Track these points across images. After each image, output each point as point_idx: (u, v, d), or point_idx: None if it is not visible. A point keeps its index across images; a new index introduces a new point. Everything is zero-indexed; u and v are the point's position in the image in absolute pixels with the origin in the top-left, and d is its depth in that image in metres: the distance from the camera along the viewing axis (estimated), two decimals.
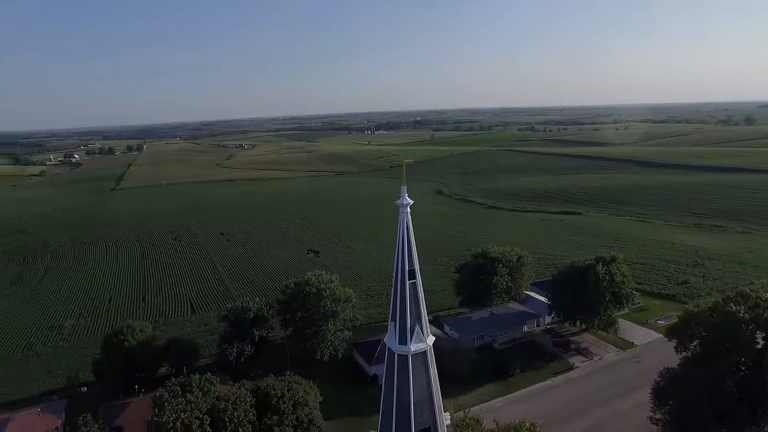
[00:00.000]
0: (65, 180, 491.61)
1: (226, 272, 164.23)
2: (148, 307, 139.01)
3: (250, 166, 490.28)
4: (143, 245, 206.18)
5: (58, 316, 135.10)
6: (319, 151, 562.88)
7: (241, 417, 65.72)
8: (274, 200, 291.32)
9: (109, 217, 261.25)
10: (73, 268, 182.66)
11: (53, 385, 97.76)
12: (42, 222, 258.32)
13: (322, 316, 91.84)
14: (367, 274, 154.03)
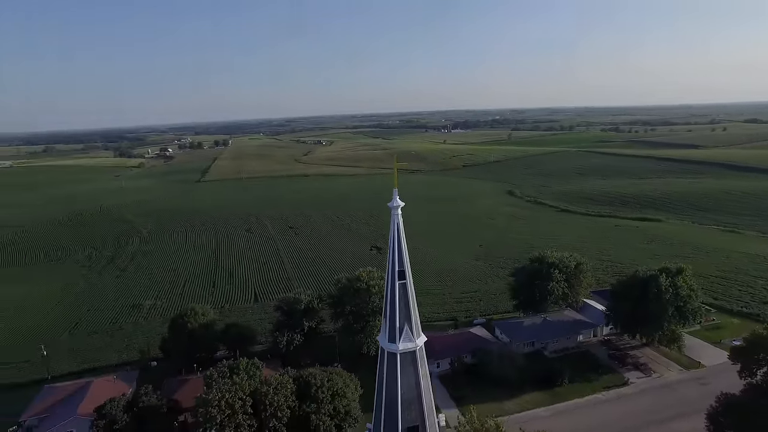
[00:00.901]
0: (159, 172, 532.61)
1: (290, 264, 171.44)
2: (216, 293, 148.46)
3: (326, 162, 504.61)
4: (219, 235, 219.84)
5: (140, 296, 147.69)
6: (393, 149, 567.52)
7: (281, 402, 69.21)
8: (345, 196, 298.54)
9: (191, 207, 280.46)
10: (156, 253, 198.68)
11: (129, 357, 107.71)
12: (136, 210, 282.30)
13: (370, 312, 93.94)
14: (426, 273, 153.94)
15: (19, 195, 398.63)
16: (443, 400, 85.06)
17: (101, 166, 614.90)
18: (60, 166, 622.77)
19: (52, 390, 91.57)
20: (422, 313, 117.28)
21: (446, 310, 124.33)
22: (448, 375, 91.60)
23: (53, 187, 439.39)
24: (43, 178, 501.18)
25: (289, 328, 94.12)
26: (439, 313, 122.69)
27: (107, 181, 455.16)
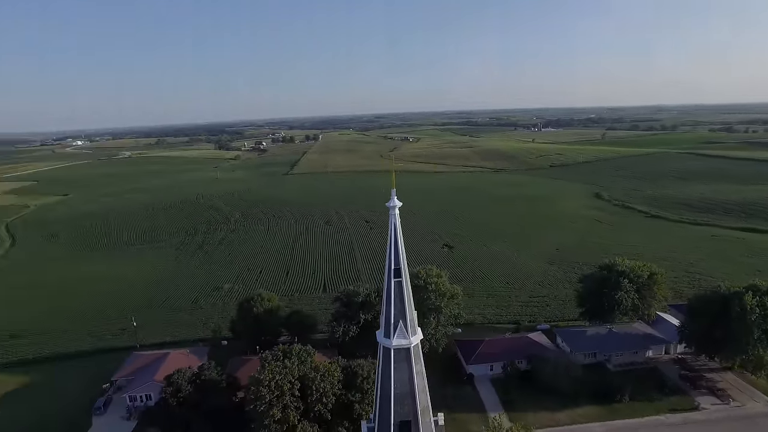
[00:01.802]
0: (253, 164, 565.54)
1: (361, 258, 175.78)
2: (289, 281, 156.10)
3: (411, 159, 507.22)
4: (299, 225, 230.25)
5: (221, 280, 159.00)
6: (479, 147, 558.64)
7: (327, 388, 72.14)
8: (425, 193, 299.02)
9: (277, 198, 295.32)
10: (240, 240, 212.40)
11: (204, 335, 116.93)
12: (227, 199, 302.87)
13: (426, 310, 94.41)
14: (496, 274, 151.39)
15: (135, 182, 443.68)
16: (491, 404, 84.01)
17: (202, 157, 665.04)
18: (168, 157, 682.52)
19: (138, 356, 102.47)
20: (484, 315, 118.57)
21: (510, 314, 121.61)
22: (501, 379, 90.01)
23: (161, 176, 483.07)
24: (153, 168, 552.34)
25: (347, 320, 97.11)
26: (502, 316, 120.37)
27: (206, 172, 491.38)
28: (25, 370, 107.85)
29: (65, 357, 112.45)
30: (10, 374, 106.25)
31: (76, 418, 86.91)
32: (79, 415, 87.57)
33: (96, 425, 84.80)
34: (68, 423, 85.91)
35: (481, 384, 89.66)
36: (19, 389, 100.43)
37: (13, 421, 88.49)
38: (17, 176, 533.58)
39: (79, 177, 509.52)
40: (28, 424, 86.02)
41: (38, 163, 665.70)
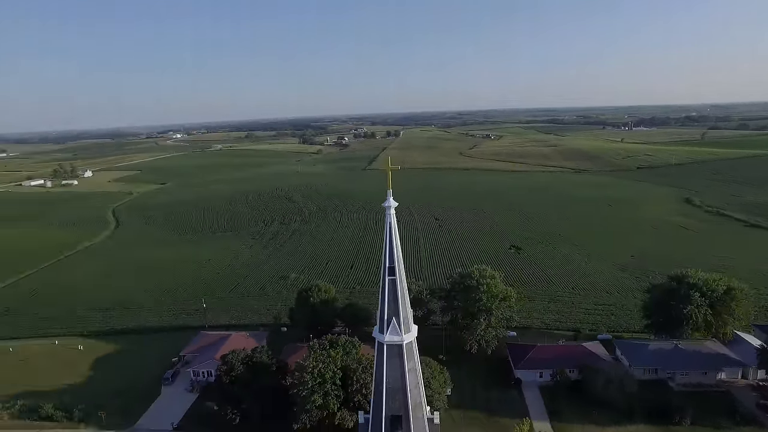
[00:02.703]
0: (332, 158, 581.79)
1: (426, 255, 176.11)
2: (352, 274, 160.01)
3: (490, 157, 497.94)
4: (368, 220, 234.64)
5: (289, 269, 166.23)
6: (562, 146, 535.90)
7: (367, 380, 73.80)
8: (499, 192, 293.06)
9: (351, 193, 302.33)
10: (311, 232, 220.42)
11: (266, 320, 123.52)
12: (304, 192, 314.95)
13: (477, 310, 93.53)
14: (561, 279, 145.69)
15: (222, 173, 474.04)
16: (537, 411, 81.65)
17: (287, 151, 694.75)
18: (254, 150, 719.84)
19: (204, 335, 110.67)
20: (543, 320, 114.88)
21: (571, 321, 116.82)
22: (549, 387, 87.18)
23: (246, 168, 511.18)
24: (240, 160, 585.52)
25: None
26: (562, 323, 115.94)
27: (288, 165, 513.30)
28: (115, 339, 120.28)
29: (147, 330, 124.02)
30: (104, 341, 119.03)
31: (150, 386, 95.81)
32: (153, 383, 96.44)
33: (164, 394, 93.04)
34: (144, 389, 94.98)
35: (529, 390, 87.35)
36: (110, 354, 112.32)
37: (104, 382, 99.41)
38: (124, 166, 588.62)
39: (175, 167, 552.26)
40: (115, 386, 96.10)
41: (142, 154, 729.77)
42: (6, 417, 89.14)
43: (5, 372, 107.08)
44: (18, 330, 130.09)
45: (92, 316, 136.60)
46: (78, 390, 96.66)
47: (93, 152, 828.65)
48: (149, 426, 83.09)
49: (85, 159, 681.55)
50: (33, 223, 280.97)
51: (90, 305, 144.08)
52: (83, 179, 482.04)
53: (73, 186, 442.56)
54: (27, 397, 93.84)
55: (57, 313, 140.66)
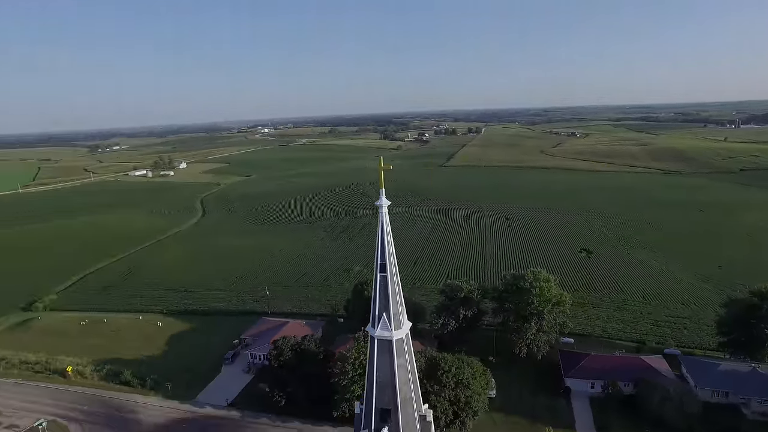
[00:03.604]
0: (411, 154, 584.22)
1: (491, 254, 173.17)
2: (414, 270, 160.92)
3: (572, 156, 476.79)
4: (438, 217, 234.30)
5: (353, 262, 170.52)
6: (653, 146, 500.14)
7: None
8: (577, 192, 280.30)
9: (425, 190, 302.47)
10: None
11: (324, 311, 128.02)
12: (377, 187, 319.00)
13: (528, 313, 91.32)
14: (632, 286, 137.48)
15: (304, 166, 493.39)
16: (584, 424, 78.53)
17: (366, 146, 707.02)
18: (336, 145, 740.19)
19: (265, 321, 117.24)
20: (605, 329, 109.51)
21: (637, 331, 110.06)
22: (600, 398, 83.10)
23: (326, 162, 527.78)
24: (321, 155, 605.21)
25: (447, 313, 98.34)
26: (626, 333, 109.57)
27: (367, 161, 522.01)
28: (189, 318, 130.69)
29: (217, 312, 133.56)
30: (180, 320, 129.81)
31: (212, 364, 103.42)
32: (215, 362, 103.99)
33: (224, 372, 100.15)
34: (207, 366, 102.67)
35: (578, 400, 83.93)
36: (183, 332, 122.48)
37: (175, 356, 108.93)
38: (215, 158, 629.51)
39: (261, 160, 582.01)
40: (183, 361, 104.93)
41: (232, 148, 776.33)
42: (96, 378, 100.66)
43: (99, 340, 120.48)
44: (112, 304, 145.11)
45: (172, 296, 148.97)
46: (152, 361, 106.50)
47: (189, 145, 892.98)
48: (207, 400, 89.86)
49: (181, 152, 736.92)
50: (134, 210, 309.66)
51: (171, 286, 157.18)
52: (178, 170, 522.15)
53: (169, 176, 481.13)
54: (113, 363, 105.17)
55: (143, 291, 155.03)
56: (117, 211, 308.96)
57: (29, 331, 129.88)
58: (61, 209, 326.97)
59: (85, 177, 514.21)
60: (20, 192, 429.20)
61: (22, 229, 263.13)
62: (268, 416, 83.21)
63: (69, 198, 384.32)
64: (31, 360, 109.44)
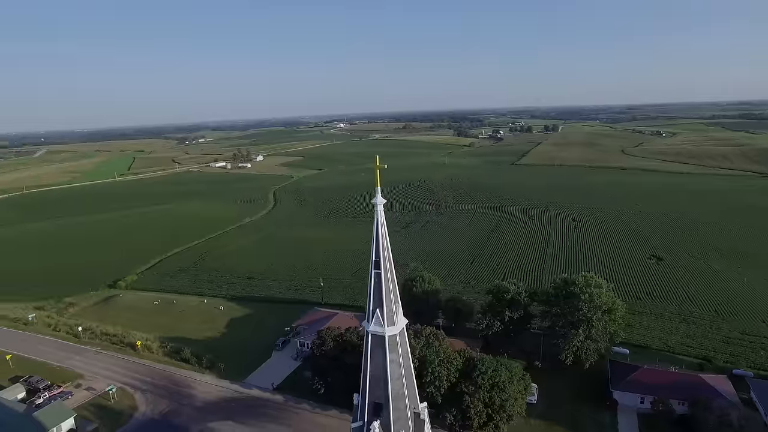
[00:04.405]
0: (483, 152, 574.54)
1: (552, 256, 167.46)
2: (472, 268, 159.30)
3: (656, 156, 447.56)
4: (503, 216, 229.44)
5: (411, 258, 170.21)
6: (750, 146, 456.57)
7: (442, 373, 75.22)
8: (655, 195, 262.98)
9: (492, 188, 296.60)
10: (443, 224, 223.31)
11: None
12: (444, 184, 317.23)
13: (577, 320, 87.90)
14: (704, 297, 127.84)
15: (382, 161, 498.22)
16: None
17: (439, 143, 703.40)
18: (408, 140, 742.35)
19: (316, 311, 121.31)
20: (666, 341, 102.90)
21: (704, 347, 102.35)
22: (649, 415, 78.35)
23: (396, 157, 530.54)
24: (392, 150, 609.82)
25: (493, 314, 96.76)
26: (691, 348, 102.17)
27: (437, 157, 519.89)
28: (248, 304, 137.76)
29: (274, 300, 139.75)
30: (240, 305, 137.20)
31: (264, 349, 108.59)
32: (266, 347, 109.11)
33: (273, 357, 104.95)
34: (260, 351, 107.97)
35: (625, 415, 79.61)
36: (241, 317, 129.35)
37: (231, 339, 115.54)
38: (290, 152, 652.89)
39: (333, 154, 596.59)
40: (238, 344, 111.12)
41: (307, 142, 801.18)
42: (160, 353, 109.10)
43: (168, 318, 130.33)
44: (183, 287, 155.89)
45: (236, 282, 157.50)
46: (211, 342, 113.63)
47: (268, 139, 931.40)
48: (255, 382, 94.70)
49: (260, 145, 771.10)
50: (211, 199, 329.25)
51: (236, 273, 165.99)
52: (255, 162, 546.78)
53: (247, 168, 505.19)
54: (176, 341, 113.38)
55: (211, 276, 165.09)
56: (196, 199, 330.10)
57: (111, 307, 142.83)
58: (148, 197, 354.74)
59: (171, 167, 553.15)
60: (116, 180, 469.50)
61: (113, 215, 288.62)
62: (309, 402, 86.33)
63: (155, 186, 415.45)
64: (110, 332, 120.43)
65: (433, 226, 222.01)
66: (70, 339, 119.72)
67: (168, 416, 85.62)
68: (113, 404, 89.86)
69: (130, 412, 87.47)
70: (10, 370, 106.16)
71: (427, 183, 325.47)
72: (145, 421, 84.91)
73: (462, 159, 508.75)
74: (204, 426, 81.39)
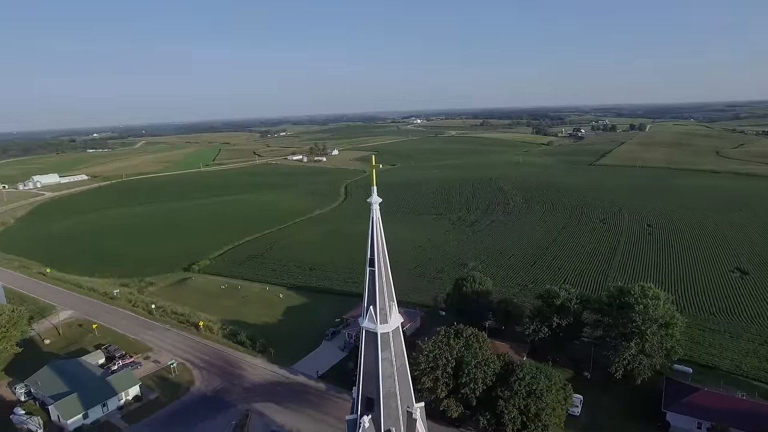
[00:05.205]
0: (560, 151, 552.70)
1: (619, 263, 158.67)
2: (532, 271, 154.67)
3: (755, 160, 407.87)
4: (572, 219, 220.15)
5: (472, 257, 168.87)
6: None
7: (479, 376, 74.49)
8: (747, 203, 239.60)
9: (564, 188, 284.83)
10: (510, 224, 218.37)
11: (428, 302, 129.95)
12: (515, 183, 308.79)
13: (629, 332, 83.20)
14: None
15: (449, 158, 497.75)
16: None
17: (516, 140, 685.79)
18: (484, 138, 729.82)
19: None
20: (739, 364, 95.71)
21: None
22: None
23: (470, 155, 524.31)
24: (466, 147, 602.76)
25: (541, 319, 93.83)
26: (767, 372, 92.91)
27: (511, 155, 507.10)
28: (306, 294, 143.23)
29: (330, 291, 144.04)
30: (298, 294, 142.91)
31: (314, 338, 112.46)
32: (316, 337, 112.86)
33: (322, 347, 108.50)
34: (311, 339, 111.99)
35: None
36: (298, 306, 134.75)
37: (287, 326, 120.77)
38: (365, 147, 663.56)
39: (407, 150, 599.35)
40: (290, 332, 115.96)
41: (383, 137, 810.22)
42: (220, 335, 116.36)
43: (231, 302, 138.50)
44: (248, 273, 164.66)
45: (298, 272, 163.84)
46: (266, 328, 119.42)
47: (345, 133, 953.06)
48: (301, 369, 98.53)
49: (337, 139, 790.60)
50: (286, 191, 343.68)
51: (300, 262, 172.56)
52: (330, 156, 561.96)
53: (322, 162, 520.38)
54: (235, 324, 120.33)
55: (276, 265, 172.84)
56: (271, 191, 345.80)
57: (183, 288, 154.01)
58: (227, 187, 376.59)
59: (252, 159, 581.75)
60: (201, 170, 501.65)
61: (194, 203, 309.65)
62: (349, 393, 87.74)
63: (235, 177, 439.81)
64: (179, 312, 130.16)
65: (498, 226, 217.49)
66: (145, 315, 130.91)
67: (219, 393, 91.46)
68: (173, 377, 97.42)
69: (187, 386, 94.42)
70: (96, 338, 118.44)
71: (497, 181, 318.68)
72: (199, 396, 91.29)
73: (537, 158, 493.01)
74: (249, 405, 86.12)
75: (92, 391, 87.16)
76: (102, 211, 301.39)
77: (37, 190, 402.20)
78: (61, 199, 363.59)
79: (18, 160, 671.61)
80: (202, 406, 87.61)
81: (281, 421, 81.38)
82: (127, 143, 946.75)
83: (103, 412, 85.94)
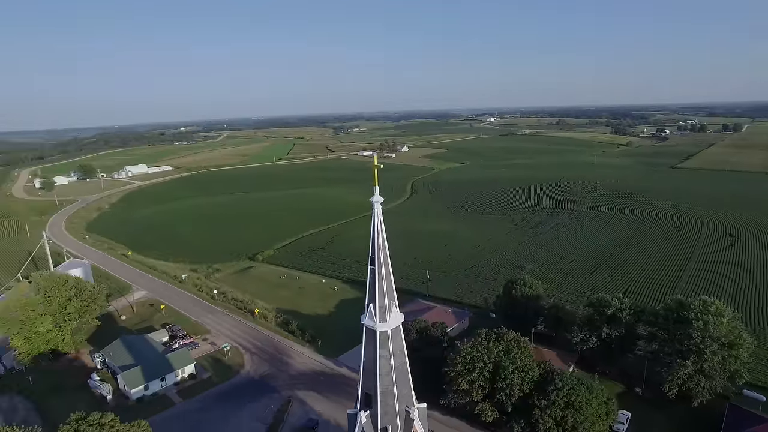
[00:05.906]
0: (640, 152, 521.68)
1: (691, 274, 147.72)
2: (591, 277, 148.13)
3: None
4: (643, 224, 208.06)
5: (530, 260, 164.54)
6: None
7: (515, 382, 73.16)
8: None
9: (640, 192, 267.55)
10: (575, 227, 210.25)
11: (477, 302, 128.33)
12: (585, 185, 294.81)
13: (685, 349, 77.95)
14: None
15: (520, 157, 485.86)
16: None
17: (593, 140, 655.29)
18: (559, 137, 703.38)
19: (417, 303, 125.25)
20: None
21: None
22: None
23: (542, 154, 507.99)
24: (539, 146, 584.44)
25: (590, 328, 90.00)
26: None
27: (586, 156, 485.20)
28: (359, 288, 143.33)
29: None
30: (352, 288, 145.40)
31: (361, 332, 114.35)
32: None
33: None
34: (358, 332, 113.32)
35: None
36: (351, 299, 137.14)
37: (337, 319, 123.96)
38: (435, 144, 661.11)
39: (478, 148, 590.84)
40: (339, 324, 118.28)
41: (454, 134, 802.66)
42: (273, 323, 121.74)
43: (288, 293, 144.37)
44: (308, 265, 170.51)
45: (355, 266, 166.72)
46: (317, 319, 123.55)
47: (417, 130, 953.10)
48: (345, 361, 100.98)
49: (408, 136, 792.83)
50: (353, 186, 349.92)
51: (358, 257, 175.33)
52: (400, 153, 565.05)
53: (391, 158, 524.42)
54: (288, 314, 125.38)
55: (334, 258, 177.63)
56: (339, 185, 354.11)
57: (245, 276, 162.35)
58: (298, 180, 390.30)
59: (323, 154, 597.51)
60: (275, 164, 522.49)
61: (266, 195, 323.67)
62: None
63: (306, 171, 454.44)
64: (238, 298, 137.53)
65: (563, 229, 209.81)
66: (207, 299, 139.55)
67: (266, 378, 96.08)
68: (226, 360, 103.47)
69: (237, 369, 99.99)
70: (162, 317, 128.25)
71: (566, 183, 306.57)
72: (248, 379, 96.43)
73: (614, 159, 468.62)
74: (292, 392, 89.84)
75: (154, 366, 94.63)
76: (181, 200, 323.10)
77: (128, 179, 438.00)
78: (147, 188, 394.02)
79: (117, 151, 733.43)
80: (249, 389, 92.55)
81: (320, 410, 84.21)
82: (209, 137, 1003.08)
83: (162, 386, 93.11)
